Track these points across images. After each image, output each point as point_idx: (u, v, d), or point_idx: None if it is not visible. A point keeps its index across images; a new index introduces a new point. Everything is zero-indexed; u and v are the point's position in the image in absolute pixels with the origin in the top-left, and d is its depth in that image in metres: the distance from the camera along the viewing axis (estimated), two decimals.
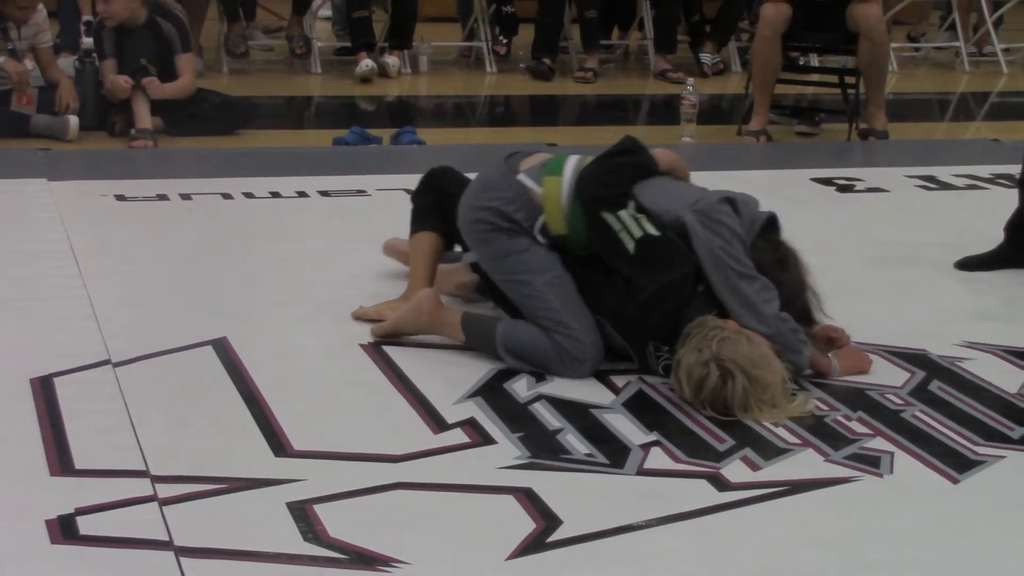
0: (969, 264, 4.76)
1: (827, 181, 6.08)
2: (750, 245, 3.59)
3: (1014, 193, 5.37)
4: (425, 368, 3.69)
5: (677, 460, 3.19)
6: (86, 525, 2.77)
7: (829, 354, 3.70)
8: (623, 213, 3.58)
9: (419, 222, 4.16)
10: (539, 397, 3.53)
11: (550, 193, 3.70)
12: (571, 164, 3.74)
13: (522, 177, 3.75)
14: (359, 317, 4.02)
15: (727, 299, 3.53)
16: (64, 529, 2.75)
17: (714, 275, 3.54)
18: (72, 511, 2.81)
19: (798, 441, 3.31)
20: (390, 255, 4.48)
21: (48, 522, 2.77)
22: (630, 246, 3.56)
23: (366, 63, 8.44)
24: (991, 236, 4.94)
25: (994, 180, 6.17)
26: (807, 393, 3.55)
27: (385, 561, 2.69)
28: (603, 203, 3.62)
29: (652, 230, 3.56)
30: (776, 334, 3.52)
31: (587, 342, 3.64)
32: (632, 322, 3.62)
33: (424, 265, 4.09)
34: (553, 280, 3.69)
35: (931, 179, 6.18)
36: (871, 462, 3.21)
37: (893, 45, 9.76)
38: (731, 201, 3.62)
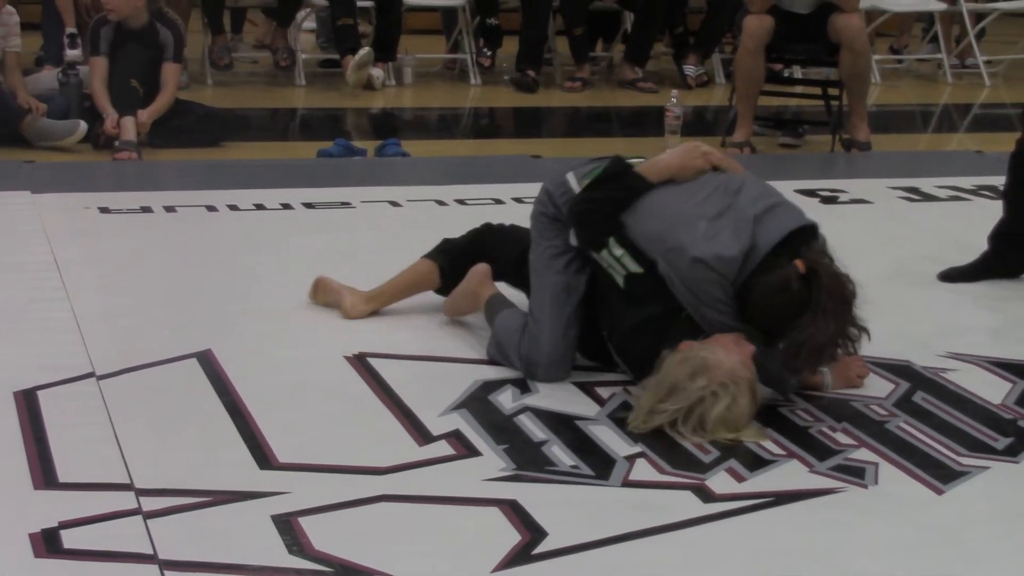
0: (952, 276, 4.77)
1: (811, 193, 6.09)
2: (743, 284, 3.40)
3: (997, 204, 5.39)
4: (410, 380, 3.69)
5: (662, 471, 3.19)
6: (70, 539, 2.76)
7: (823, 368, 3.64)
8: (604, 253, 3.56)
9: (435, 251, 4.19)
10: (524, 409, 3.53)
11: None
12: (594, 168, 3.73)
13: (569, 175, 3.76)
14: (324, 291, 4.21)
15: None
16: (48, 543, 2.74)
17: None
18: (56, 524, 2.80)
19: (783, 452, 3.31)
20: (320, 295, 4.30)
21: (32, 536, 2.76)
22: (620, 281, 3.55)
23: (363, 51, 8.34)
24: (974, 247, 4.96)
25: (977, 192, 6.19)
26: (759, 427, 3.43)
27: (370, 574, 2.68)
28: (585, 244, 3.63)
29: (634, 267, 3.52)
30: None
31: (544, 345, 3.66)
32: (618, 352, 3.64)
33: (404, 280, 4.18)
34: (559, 283, 3.69)
35: (914, 191, 6.20)
36: (856, 473, 3.22)
37: (876, 57, 9.81)
38: (702, 262, 3.39)
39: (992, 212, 5.12)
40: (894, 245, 5.28)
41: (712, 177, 3.61)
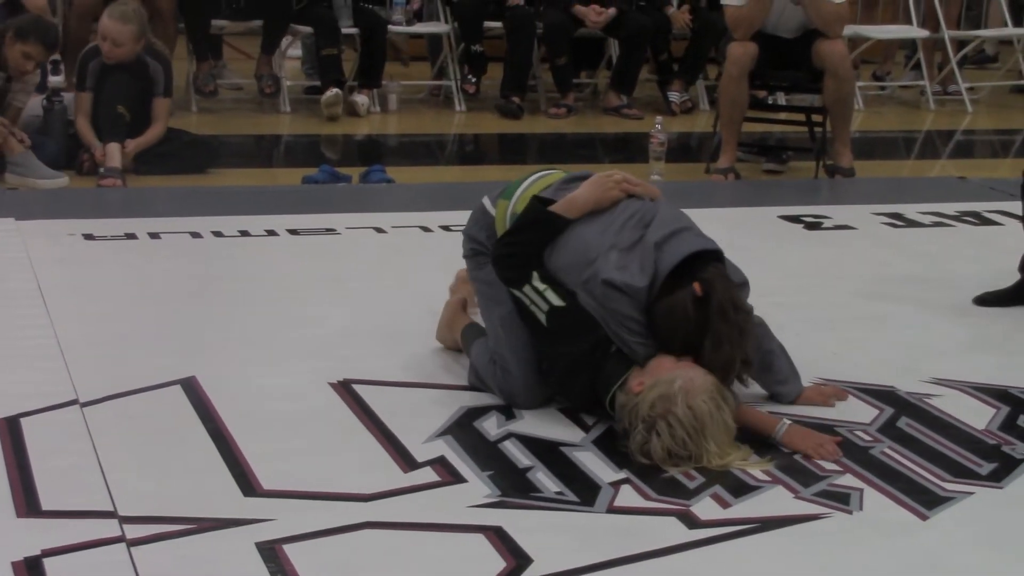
0: (988, 300, 4.79)
1: (795, 219, 6.11)
2: (647, 309, 3.44)
3: (980, 230, 5.44)
4: (394, 407, 3.68)
5: (647, 498, 3.19)
6: (53, 567, 2.75)
7: (782, 424, 3.52)
8: (527, 289, 3.57)
9: None
10: (509, 435, 3.52)
11: (499, 218, 3.82)
12: (520, 189, 3.80)
13: (485, 200, 3.89)
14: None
15: None
16: (31, 571, 2.73)
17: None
18: (39, 552, 2.79)
19: (767, 478, 3.31)
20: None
21: (15, 564, 2.74)
22: (542, 319, 3.56)
23: (331, 91, 8.43)
24: (958, 273, 4.98)
25: (960, 217, 6.21)
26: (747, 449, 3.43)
27: None
28: (507, 283, 3.65)
29: (557, 301, 3.53)
30: None
31: (517, 376, 3.66)
32: (558, 391, 3.65)
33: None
34: (507, 314, 3.71)
35: (898, 216, 6.22)
36: (840, 499, 3.22)
37: (859, 84, 9.86)
38: (613, 286, 3.43)
39: (975, 238, 5.16)
40: (878, 271, 5.29)
41: (629, 205, 3.65)
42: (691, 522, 3.07)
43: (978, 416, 3.77)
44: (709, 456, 3.30)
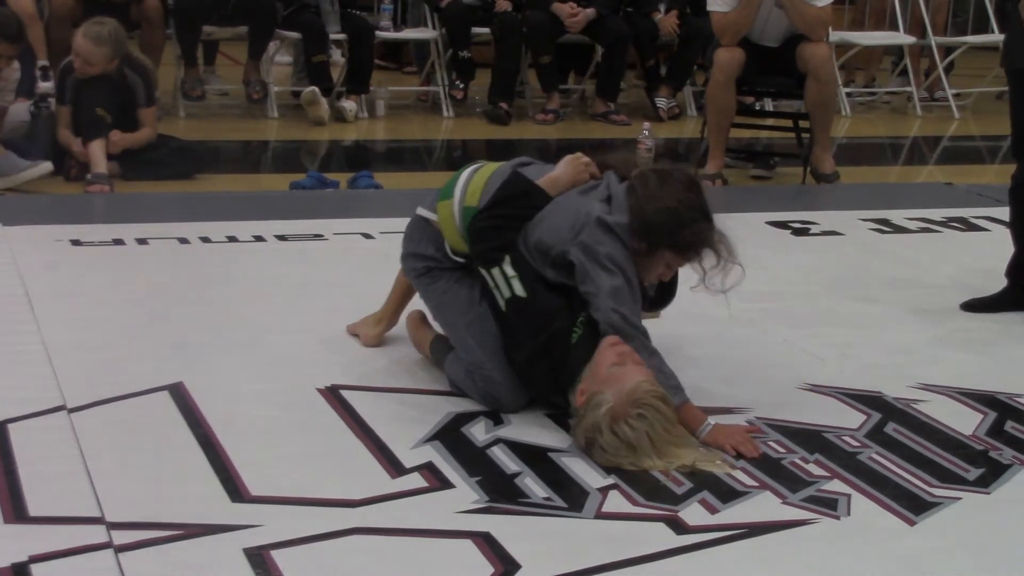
0: (975, 306, 4.80)
1: (783, 224, 6.12)
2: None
3: (967, 236, 5.45)
4: (382, 413, 3.68)
5: (635, 503, 3.19)
6: (40, 573, 2.75)
7: (706, 424, 3.54)
8: (495, 271, 3.61)
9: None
10: (497, 441, 3.52)
11: (444, 218, 3.85)
12: (461, 182, 3.86)
13: (420, 211, 3.96)
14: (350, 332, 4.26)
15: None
16: None
17: (605, 302, 3.54)
18: (26, 559, 2.79)
19: (755, 484, 3.32)
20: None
21: (2, 570, 2.74)
22: (502, 304, 3.61)
23: (308, 89, 8.45)
24: (945, 279, 4.99)
25: (947, 223, 6.23)
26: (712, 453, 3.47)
27: None
28: (480, 260, 3.68)
29: (520, 291, 3.57)
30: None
31: (500, 380, 3.67)
32: (522, 379, 3.68)
33: (397, 289, 4.24)
34: (472, 321, 3.74)
35: (885, 222, 6.23)
36: (828, 504, 3.22)
37: (847, 90, 9.88)
38: (603, 224, 3.57)
39: (961, 243, 5.17)
40: (865, 276, 5.30)
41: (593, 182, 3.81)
42: (679, 528, 3.07)
43: (965, 421, 3.78)
44: (654, 466, 3.34)
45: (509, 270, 3.59)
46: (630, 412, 3.34)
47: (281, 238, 5.55)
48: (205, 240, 5.46)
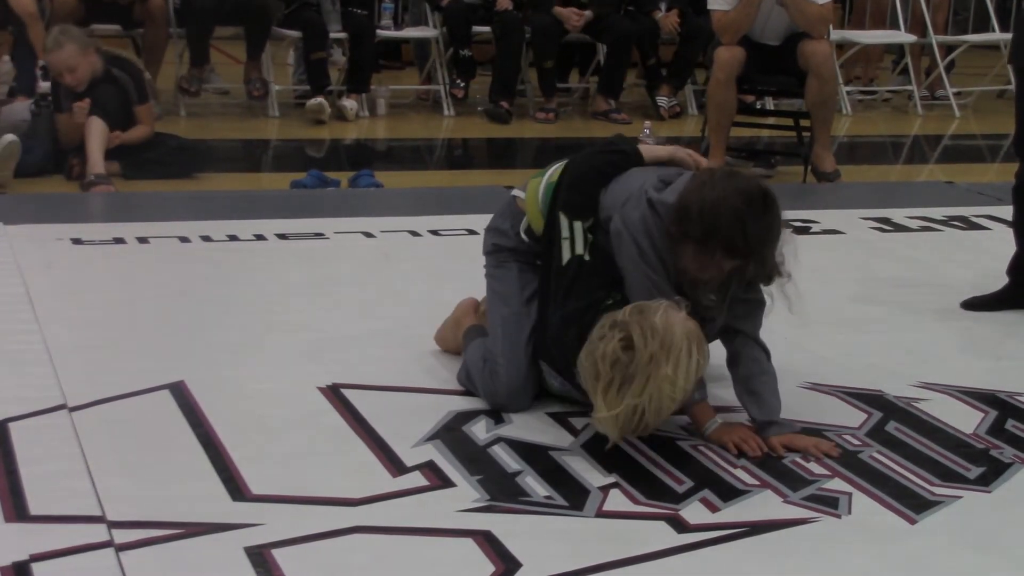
0: (975, 304, 4.80)
1: (783, 223, 6.10)
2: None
3: (968, 234, 5.44)
4: (383, 411, 3.68)
5: (636, 502, 3.19)
6: (41, 572, 2.75)
7: (713, 420, 3.52)
8: (576, 224, 3.58)
9: None
10: (498, 439, 3.52)
11: (530, 193, 3.80)
12: (555, 165, 3.79)
13: (514, 191, 3.90)
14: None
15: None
16: None
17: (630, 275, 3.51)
18: (27, 557, 2.79)
19: (756, 482, 3.32)
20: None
21: (3, 569, 2.74)
22: (564, 258, 3.57)
23: (316, 100, 8.48)
24: (946, 277, 4.98)
25: (947, 222, 6.23)
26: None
27: None
28: (566, 208, 3.62)
29: (586, 254, 3.54)
30: None
31: (503, 379, 3.68)
32: (553, 347, 3.64)
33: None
34: (509, 316, 3.74)
35: (886, 221, 6.23)
36: (829, 503, 3.22)
37: (847, 88, 9.88)
38: (648, 199, 3.49)
39: (963, 242, 5.17)
40: (866, 275, 5.30)
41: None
42: (680, 526, 3.07)
43: (966, 420, 3.78)
44: (658, 381, 3.21)
45: (587, 232, 3.55)
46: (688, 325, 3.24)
47: (282, 237, 5.55)
48: (206, 239, 5.46)
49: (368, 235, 5.64)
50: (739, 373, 3.59)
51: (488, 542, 2.95)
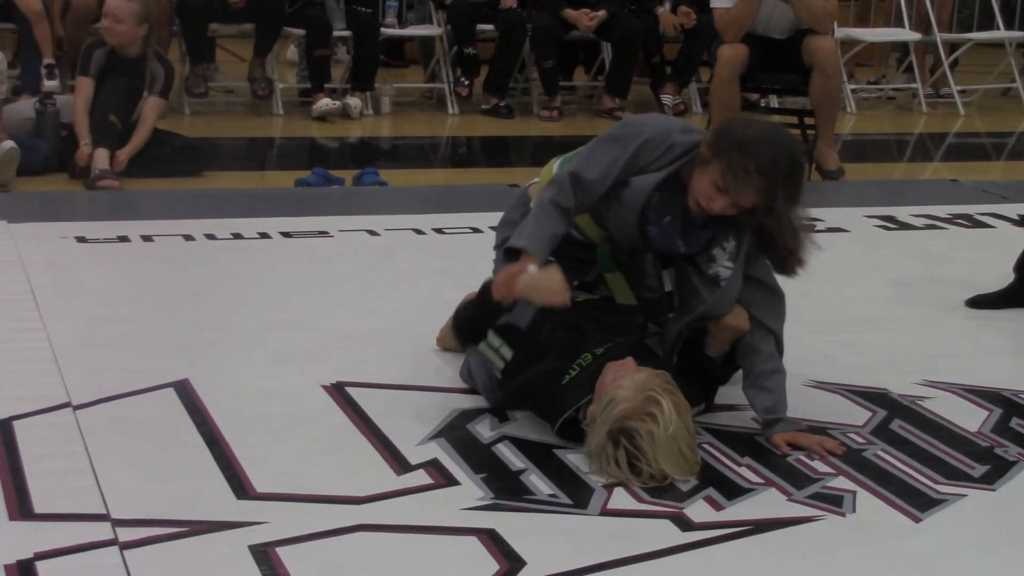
0: (979, 303, 4.80)
1: None
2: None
3: (972, 232, 5.43)
4: (387, 409, 3.68)
5: (640, 500, 3.19)
6: (46, 570, 2.75)
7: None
8: (482, 346, 3.53)
9: None
10: (502, 438, 3.52)
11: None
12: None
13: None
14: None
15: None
16: (23, 574, 2.72)
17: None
18: (31, 556, 2.79)
19: (761, 481, 3.32)
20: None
21: (7, 567, 2.74)
22: (497, 373, 3.54)
23: (324, 102, 8.51)
24: (950, 275, 4.98)
25: (952, 220, 6.22)
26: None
27: None
28: (465, 345, 3.63)
29: (509, 355, 3.50)
30: None
31: (487, 378, 3.67)
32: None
33: None
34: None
35: (890, 219, 6.23)
36: (833, 501, 3.22)
37: (852, 86, 9.87)
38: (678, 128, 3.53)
39: (967, 240, 5.16)
40: (870, 274, 5.30)
41: None
42: (684, 524, 3.07)
43: (971, 418, 3.77)
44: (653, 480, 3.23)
45: (495, 340, 3.50)
46: (642, 410, 3.23)
47: (286, 235, 5.55)
48: (210, 237, 5.46)
49: (372, 233, 5.64)
50: (753, 368, 3.57)
51: (492, 540, 2.95)
